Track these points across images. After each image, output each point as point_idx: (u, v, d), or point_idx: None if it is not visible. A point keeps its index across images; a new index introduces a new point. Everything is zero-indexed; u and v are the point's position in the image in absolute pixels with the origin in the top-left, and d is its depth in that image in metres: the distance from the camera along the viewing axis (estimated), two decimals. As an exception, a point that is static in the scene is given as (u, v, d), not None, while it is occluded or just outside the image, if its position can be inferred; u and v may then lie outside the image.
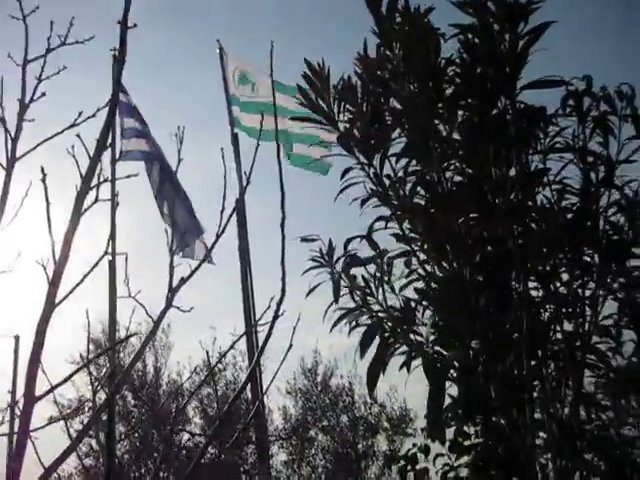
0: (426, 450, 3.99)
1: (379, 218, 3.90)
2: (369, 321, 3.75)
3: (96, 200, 2.08)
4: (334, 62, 4.10)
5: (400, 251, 3.85)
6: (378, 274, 3.84)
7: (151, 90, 23.47)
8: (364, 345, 3.59)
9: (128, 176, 2.56)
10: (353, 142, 3.90)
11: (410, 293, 3.83)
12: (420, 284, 3.80)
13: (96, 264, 2.10)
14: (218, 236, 2.39)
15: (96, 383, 3.05)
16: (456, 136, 3.78)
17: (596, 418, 3.67)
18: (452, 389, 3.50)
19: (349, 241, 3.97)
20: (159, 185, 10.31)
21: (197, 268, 2.26)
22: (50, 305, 1.92)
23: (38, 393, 1.90)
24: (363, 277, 3.89)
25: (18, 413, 1.94)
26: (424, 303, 3.77)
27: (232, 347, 3.33)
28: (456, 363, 3.51)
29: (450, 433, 3.69)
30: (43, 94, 2.39)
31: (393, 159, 3.91)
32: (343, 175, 3.95)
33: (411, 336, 3.67)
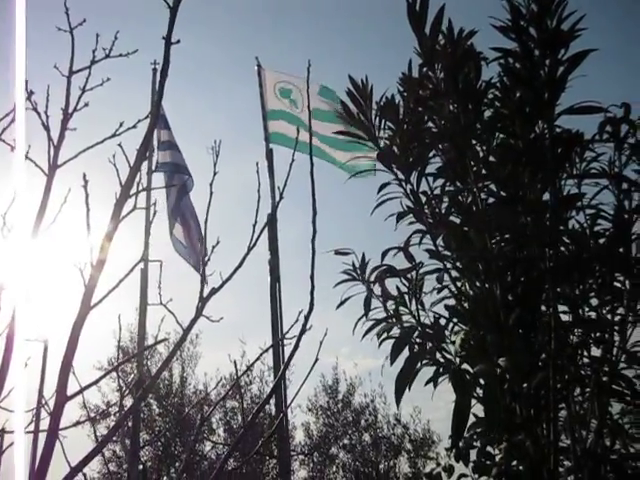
0: (450, 470, 3.99)
1: (416, 231, 3.94)
2: (399, 332, 3.77)
3: (134, 208, 2.13)
4: (377, 80, 4.17)
5: (433, 267, 3.88)
6: (412, 286, 3.88)
7: (189, 103, 23.75)
8: (396, 352, 3.60)
9: (166, 186, 2.61)
10: (392, 158, 3.96)
11: (440, 309, 3.86)
12: (451, 301, 3.83)
13: (131, 270, 2.14)
14: (249, 249, 2.42)
15: (124, 388, 3.09)
16: (493, 158, 3.82)
17: (622, 447, 3.63)
18: (476, 408, 3.50)
19: (386, 252, 4.01)
20: (176, 201, 10.40)
21: (228, 278, 2.29)
22: (85, 308, 1.97)
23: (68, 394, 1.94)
24: (397, 288, 3.94)
25: (44, 414, 1.98)
26: (454, 320, 3.79)
27: (258, 359, 3.34)
28: (482, 381, 3.51)
29: (474, 454, 3.69)
30: (86, 104, 2.45)
31: (430, 177, 3.97)
32: (380, 190, 3.99)
33: (439, 353, 3.68)
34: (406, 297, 3.89)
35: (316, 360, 2.38)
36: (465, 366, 3.62)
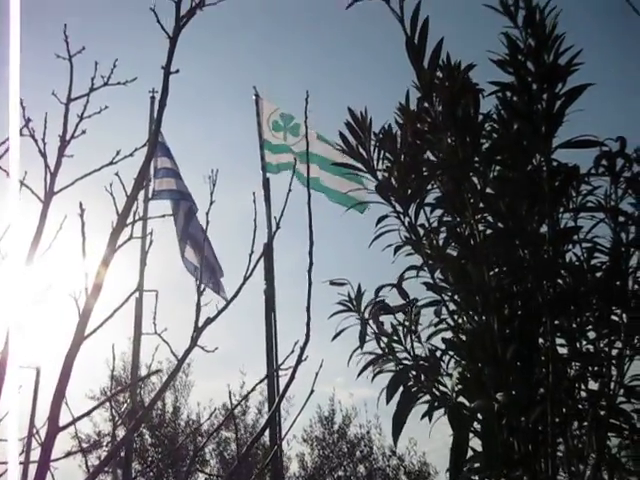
0: (447, 505, 3.94)
1: (410, 267, 3.93)
2: (394, 368, 3.75)
3: (130, 237, 2.12)
4: (374, 110, 4.19)
5: (430, 300, 3.88)
6: (407, 322, 3.86)
7: (186, 131, 23.87)
8: (391, 391, 3.58)
9: (163, 215, 2.61)
10: (390, 190, 3.97)
11: (436, 342, 3.84)
12: (448, 334, 3.81)
13: (127, 299, 2.13)
14: (245, 279, 2.41)
15: (116, 418, 3.06)
16: (490, 190, 3.82)
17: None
18: (474, 442, 3.47)
19: (380, 289, 4.00)
20: (184, 226, 10.45)
21: (224, 308, 2.28)
22: (79, 337, 1.95)
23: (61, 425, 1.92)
24: (392, 324, 3.92)
25: (35, 444, 1.95)
26: (450, 353, 3.77)
27: (253, 390, 3.32)
28: (479, 415, 3.48)
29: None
30: (83, 132, 2.45)
31: (427, 208, 3.97)
32: (378, 222, 4.00)
33: (435, 385, 3.66)
34: (401, 333, 3.87)
35: (311, 392, 2.36)
36: (461, 399, 3.59)
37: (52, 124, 2.46)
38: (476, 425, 3.46)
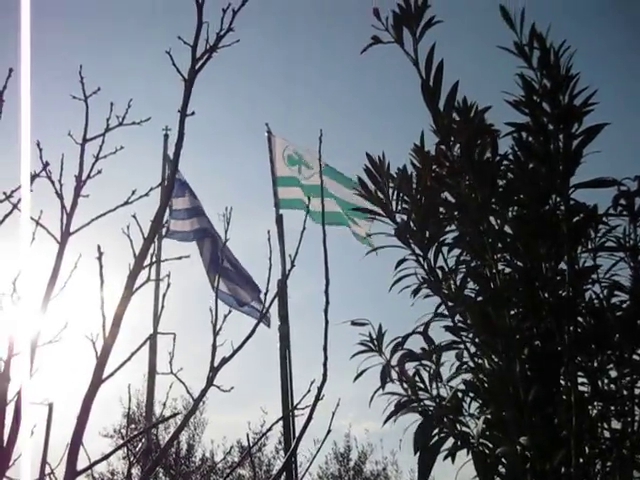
0: None
1: (437, 315, 3.92)
2: (417, 413, 3.73)
3: (148, 279, 2.12)
4: (390, 151, 4.22)
5: (449, 342, 3.86)
6: (431, 369, 3.85)
7: (198, 167, 24.03)
8: (419, 440, 3.56)
9: (180, 257, 2.60)
10: (409, 233, 3.96)
11: (457, 383, 3.81)
12: (469, 376, 3.79)
13: (143, 344, 2.12)
14: (260, 318, 2.39)
15: (131, 458, 3.03)
16: (508, 230, 3.81)
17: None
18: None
19: (407, 337, 3.98)
20: (212, 256, 10.48)
21: (239, 347, 2.27)
22: (97, 379, 1.94)
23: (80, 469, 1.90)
24: (417, 371, 3.90)
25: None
26: (471, 394, 3.74)
27: (270, 430, 3.29)
28: (504, 460, 3.44)
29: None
30: (99, 172, 2.46)
31: (445, 249, 3.96)
32: (397, 266, 3.98)
33: (457, 426, 3.64)
34: (426, 379, 3.86)
35: (329, 432, 2.35)
36: (483, 440, 3.58)
37: (68, 164, 2.47)
38: (501, 468, 3.42)
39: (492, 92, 3.99)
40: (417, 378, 3.87)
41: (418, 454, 3.55)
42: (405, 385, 3.86)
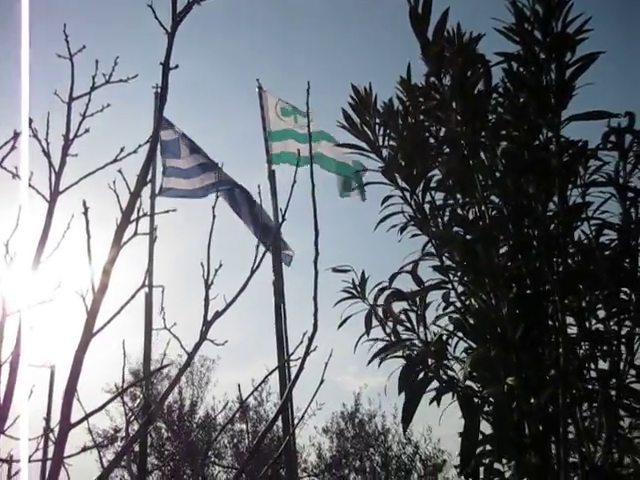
0: (459, 488, 3.93)
1: (426, 254, 3.84)
2: (402, 354, 3.72)
3: (135, 234, 2.12)
4: (379, 87, 4.06)
5: (437, 282, 3.80)
6: (418, 309, 3.81)
7: (190, 126, 23.86)
8: (404, 381, 3.54)
9: (167, 211, 2.60)
10: (396, 170, 3.86)
11: (444, 323, 3.80)
12: (456, 315, 3.75)
13: (133, 296, 2.13)
14: (252, 272, 2.41)
15: (130, 413, 3.07)
16: (497, 167, 3.74)
17: (632, 462, 3.59)
18: (484, 425, 3.46)
19: (394, 276, 3.93)
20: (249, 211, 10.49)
21: (232, 301, 2.28)
22: (87, 335, 1.96)
23: (73, 421, 1.93)
24: (405, 311, 3.86)
25: (52, 441, 1.97)
26: (459, 335, 3.72)
27: (264, 381, 3.33)
28: (491, 399, 3.47)
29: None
30: (87, 130, 2.45)
31: (434, 185, 3.87)
32: (383, 202, 3.91)
33: (442, 370, 3.63)
34: (413, 320, 3.81)
35: (321, 382, 2.37)
36: (470, 383, 3.58)
37: (54, 124, 2.46)
38: (487, 408, 3.46)
39: (483, 20, 3.78)
40: (404, 318, 3.84)
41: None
42: (388, 330, 3.84)
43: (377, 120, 3.98)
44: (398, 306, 3.92)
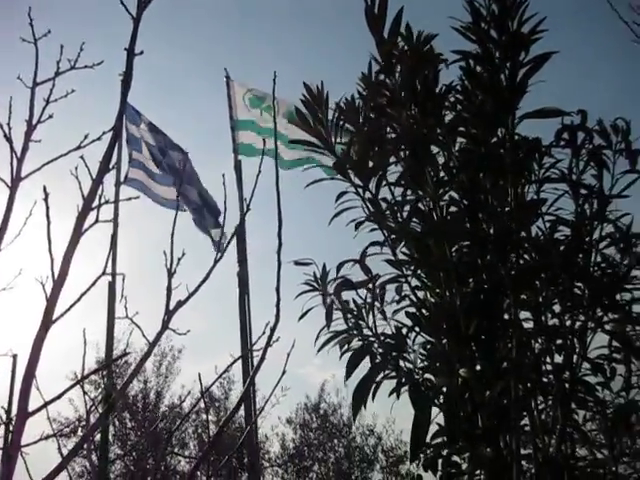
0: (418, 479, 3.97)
1: (372, 243, 3.88)
2: (359, 345, 3.73)
3: (96, 221, 2.12)
4: (341, 84, 4.08)
5: (392, 276, 3.83)
6: (369, 299, 3.83)
7: (156, 115, 23.66)
8: (350, 368, 3.58)
9: (129, 198, 2.60)
10: (349, 165, 3.87)
11: (401, 318, 3.81)
12: (412, 309, 3.78)
13: (93, 283, 2.13)
14: (216, 261, 2.42)
15: (91, 402, 3.06)
16: (454, 163, 3.77)
17: (589, 454, 3.66)
18: (440, 417, 3.49)
19: (341, 265, 3.95)
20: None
21: (195, 291, 2.28)
22: (47, 322, 1.96)
23: (32, 409, 1.94)
24: (354, 301, 3.89)
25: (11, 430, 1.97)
26: (416, 329, 3.74)
27: (226, 371, 3.33)
28: (444, 389, 3.51)
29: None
30: (50, 116, 2.44)
31: (392, 185, 3.89)
32: (337, 199, 3.91)
33: (401, 362, 3.64)
34: (363, 310, 3.84)
35: (283, 372, 2.39)
36: (428, 375, 3.60)
37: (17, 109, 2.45)
38: (441, 399, 3.50)
39: (440, 19, 3.80)
40: (354, 307, 3.86)
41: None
42: (349, 320, 3.84)
43: (329, 117, 3.99)
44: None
